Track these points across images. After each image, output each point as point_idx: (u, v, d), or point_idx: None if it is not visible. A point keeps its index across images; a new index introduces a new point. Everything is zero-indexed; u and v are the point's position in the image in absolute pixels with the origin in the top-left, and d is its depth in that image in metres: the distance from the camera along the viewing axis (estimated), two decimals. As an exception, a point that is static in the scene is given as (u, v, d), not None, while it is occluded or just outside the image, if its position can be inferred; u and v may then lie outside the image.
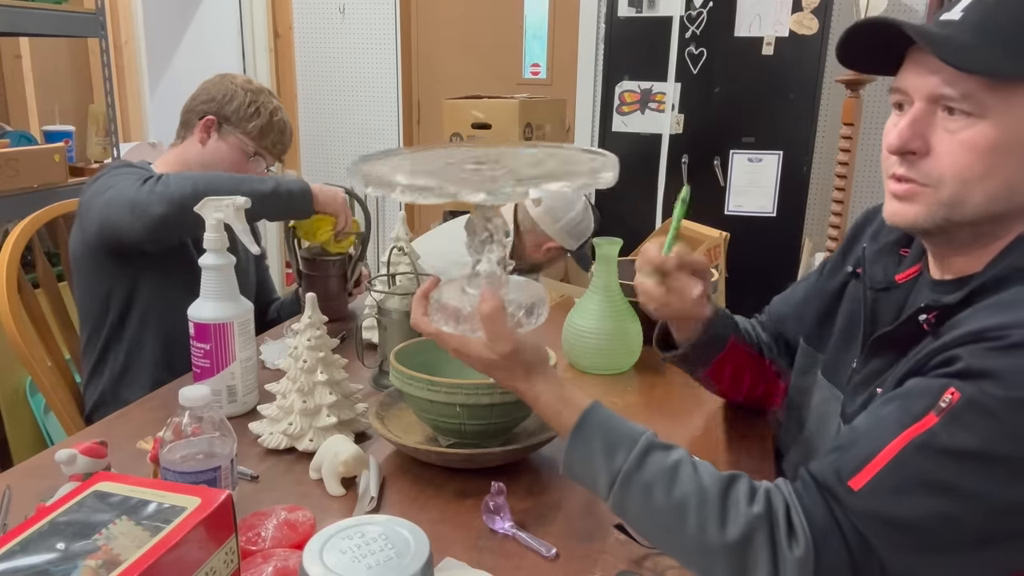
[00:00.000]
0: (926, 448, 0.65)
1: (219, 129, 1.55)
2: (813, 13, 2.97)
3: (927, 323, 0.74)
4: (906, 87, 0.76)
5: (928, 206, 0.75)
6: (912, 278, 0.86)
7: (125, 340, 1.48)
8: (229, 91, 1.55)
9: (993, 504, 0.63)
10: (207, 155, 1.56)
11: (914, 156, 0.75)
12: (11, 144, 2.23)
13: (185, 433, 0.83)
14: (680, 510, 0.71)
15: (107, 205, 1.35)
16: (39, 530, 0.54)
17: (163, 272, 1.45)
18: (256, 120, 1.55)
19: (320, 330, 1.07)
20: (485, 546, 0.85)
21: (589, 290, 1.35)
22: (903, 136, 0.74)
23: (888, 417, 0.69)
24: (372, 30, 3.93)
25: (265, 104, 1.57)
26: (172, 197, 1.31)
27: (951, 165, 0.72)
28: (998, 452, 0.63)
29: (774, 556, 0.67)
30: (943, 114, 0.73)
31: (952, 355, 0.68)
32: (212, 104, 1.55)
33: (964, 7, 0.72)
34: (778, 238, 3.12)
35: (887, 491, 0.66)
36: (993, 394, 0.63)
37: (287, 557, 0.75)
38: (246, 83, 1.58)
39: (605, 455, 0.75)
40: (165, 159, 1.59)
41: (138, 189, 1.33)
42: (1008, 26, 0.70)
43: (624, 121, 3.27)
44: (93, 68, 3.09)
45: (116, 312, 1.47)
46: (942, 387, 0.66)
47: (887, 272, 0.88)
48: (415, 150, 0.93)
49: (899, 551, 0.65)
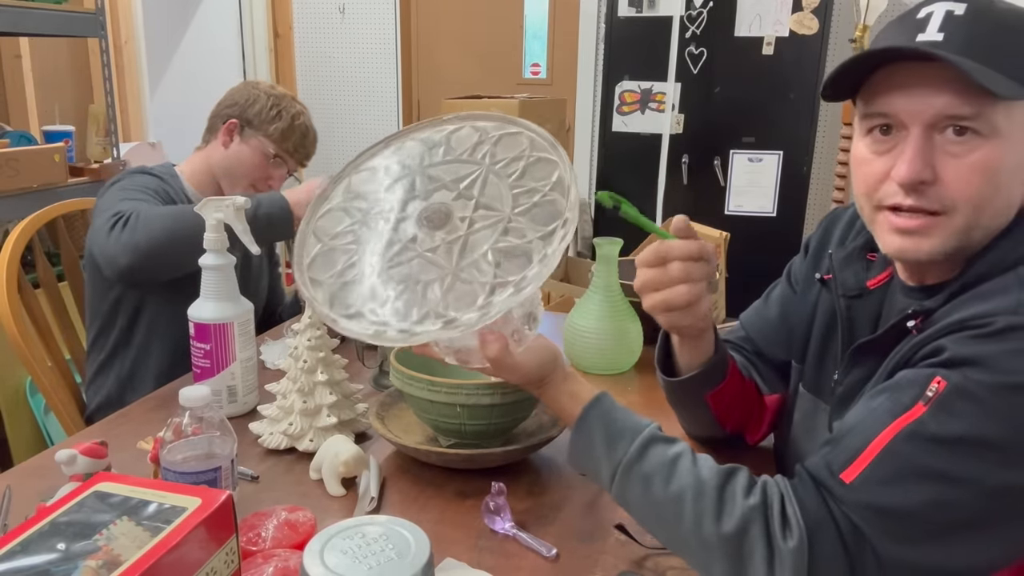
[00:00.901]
0: (916, 437, 0.66)
1: (241, 132, 1.57)
2: (813, 13, 2.97)
3: (915, 328, 0.74)
4: (897, 112, 0.72)
5: (943, 238, 0.72)
6: (883, 283, 0.86)
7: (134, 346, 1.49)
8: (252, 95, 1.58)
9: (985, 488, 0.64)
10: (229, 158, 1.57)
11: (923, 185, 0.72)
12: (11, 144, 2.23)
13: (185, 433, 0.83)
14: (678, 502, 0.71)
15: (90, 240, 1.38)
16: (39, 530, 0.54)
17: (173, 281, 1.45)
18: (277, 123, 1.57)
19: (320, 330, 1.07)
20: (485, 546, 0.85)
21: (589, 290, 1.35)
22: (914, 168, 0.71)
23: (878, 409, 0.70)
24: (372, 30, 3.93)
25: (287, 108, 1.58)
26: (137, 246, 1.30)
27: (963, 190, 0.70)
28: (986, 437, 0.64)
29: (769, 547, 0.67)
30: (944, 137, 0.71)
31: (937, 345, 0.69)
32: (235, 108, 1.57)
33: (940, 26, 0.71)
34: (778, 238, 3.12)
35: (879, 481, 0.66)
36: (979, 380, 0.65)
37: (287, 557, 0.75)
38: (270, 88, 1.61)
39: (606, 446, 0.76)
40: (190, 163, 1.60)
41: (107, 236, 1.32)
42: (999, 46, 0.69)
43: (624, 121, 3.27)
44: (93, 68, 3.09)
45: (126, 317, 1.48)
46: (928, 376, 0.67)
47: (858, 278, 0.88)
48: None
49: (893, 540, 0.66)
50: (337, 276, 0.80)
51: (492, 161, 0.84)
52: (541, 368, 0.82)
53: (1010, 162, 0.71)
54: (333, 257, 0.82)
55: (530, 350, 0.81)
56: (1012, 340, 0.65)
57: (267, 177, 1.59)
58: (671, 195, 3.22)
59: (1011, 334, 0.65)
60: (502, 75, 3.86)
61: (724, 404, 0.97)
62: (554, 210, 0.79)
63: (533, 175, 0.82)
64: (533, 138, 0.85)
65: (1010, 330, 0.65)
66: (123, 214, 1.35)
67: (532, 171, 0.82)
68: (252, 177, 1.58)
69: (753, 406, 1.02)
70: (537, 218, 0.79)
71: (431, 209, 0.82)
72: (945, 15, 0.71)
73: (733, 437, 1.04)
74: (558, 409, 0.83)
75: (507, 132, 0.86)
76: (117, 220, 1.34)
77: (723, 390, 0.95)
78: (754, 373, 1.03)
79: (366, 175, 0.88)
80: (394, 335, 0.74)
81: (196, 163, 1.60)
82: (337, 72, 4.04)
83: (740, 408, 1.00)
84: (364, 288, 0.78)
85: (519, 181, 0.82)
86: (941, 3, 0.73)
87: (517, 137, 0.86)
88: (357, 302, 0.77)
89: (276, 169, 1.60)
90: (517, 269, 0.75)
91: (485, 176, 0.83)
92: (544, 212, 0.79)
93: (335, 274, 0.80)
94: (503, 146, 0.85)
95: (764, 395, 1.03)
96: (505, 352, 0.78)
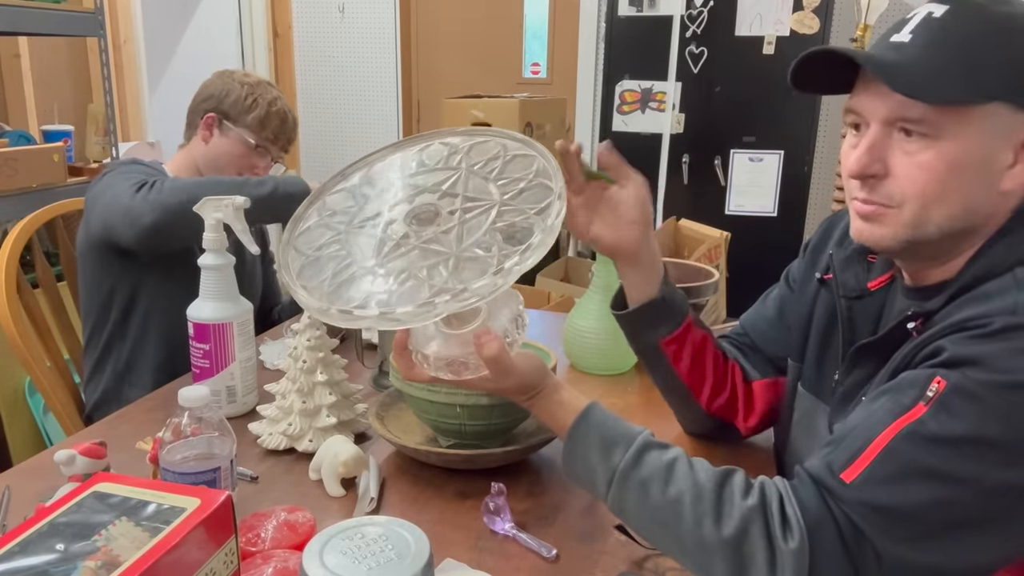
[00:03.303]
0: (916, 436, 0.66)
1: (220, 125, 1.55)
2: (814, 12, 2.97)
3: (916, 330, 0.75)
4: (861, 109, 0.76)
5: (893, 228, 0.76)
6: (885, 285, 0.87)
7: (128, 338, 1.48)
8: (226, 86, 1.56)
9: (985, 487, 0.64)
10: (212, 152, 1.56)
11: (875, 179, 0.75)
12: (10, 144, 2.23)
13: (184, 434, 0.82)
14: (676, 506, 0.71)
15: (106, 208, 1.36)
16: (38, 531, 0.54)
17: (167, 271, 1.45)
18: (254, 111, 1.55)
19: (320, 330, 1.07)
20: (485, 547, 0.85)
21: (589, 290, 1.34)
22: (861, 162, 0.75)
23: (879, 410, 0.70)
24: (372, 30, 3.93)
25: (263, 96, 1.56)
26: (165, 204, 1.31)
27: (911, 186, 0.73)
28: (987, 435, 0.64)
29: (771, 549, 0.67)
30: (900, 136, 0.74)
31: (937, 346, 0.70)
32: (211, 101, 1.56)
33: (912, 29, 0.73)
34: (779, 238, 3.12)
35: (879, 481, 0.67)
36: (978, 379, 0.65)
37: (287, 558, 0.75)
38: (243, 76, 1.59)
39: (602, 454, 0.76)
40: (175, 162, 1.60)
41: (132, 196, 1.33)
42: (956, 51, 0.71)
43: (624, 120, 3.27)
44: (92, 68, 3.08)
45: (119, 310, 1.47)
46: (928, 377, 0.68)
47: (859, 279, 0.89)
48: None
49: (894, 539, 0.66)
50: (331, 278, 0.78)
51: (469, 164, 0.84)
52: (536, 373, 0.81)
53: (963, 164, 0.72)
54: (321, 265, 0.80)
55: (523, 355, 0.81)
56: (1011, 339, 0.65)
57: (252, 167, 1.57)
58: (671, 195, 3.22)
59: (1010, 333, 0.66)
60: (502, 75, 3.86)
61: (684, 361, 0.99)
62: (543, 192, 0.78)
63: (513, 171, 0.82)
64: (505, 142, 0.85)
65: (1009, 330, 0.66)
66: (146, 181, 1.36)
67: (511, 168, 0.82)
68: (237, 168, 1.56)
69: (726, 379, 1.03)
70: (529, 199, 0.78)
71: (418, 209, 0.81)
72: (925, 16, 0.74)
73: (725, 425, 1.05)
74: (549, 418, 0.82)
75: (476, 141, 0.86)
76: (142, 184, 1.35)
77: (678, 340, 0.98)
78: (741, 359, 1.05)
79: (341, 195, 0.86)
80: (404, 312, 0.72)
81: (181, 161, 1.59)
82: (337, 72, 4.04)
83: (707, 375, 1.01)
84: (363, 283, 0.77)
85: (500, 176, 0.82)
86: (930, 4, 0.75)
87: (487, 144, 0.85)
88: (358, 296, 0.76)
89: (260, 159, 1.58)
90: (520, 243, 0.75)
91: (466, 177, 0.83)
92: (534, 195, 0.79)
93: (328, 277, 0.78)
94: (476, 152, 0.85)
95: (752, 380, 1.04)
96: (503, 351, 0.78)
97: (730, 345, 1.07)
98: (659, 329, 0.98)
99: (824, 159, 3.37)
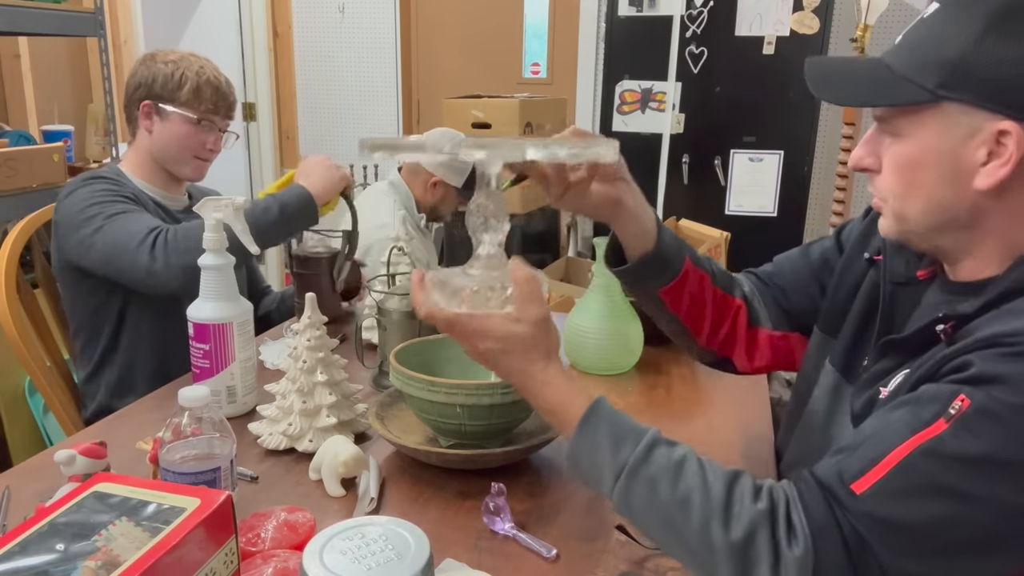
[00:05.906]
0: (934, 453, 0.65)
1: (158, 111, 1.52)
2: (814, 12, 2.97)
3: (944, 333, 0.74)
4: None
5: (888, 221, 0.80)
6: (929, 277, 0.85)
7: (120, 351, 1.48)
8: (151, 71, 1.52)
9: (999, 509, 0.64)
10: (159, 141, 1.53)
11: (872, 174, 0.80)
12: (10, 144, 2.22)
13: (184, 434, 0.82)
14: (685, 505, 0.71)
15: (114, 257, 1.34)
16: (39, 531, 0.54)
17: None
18: (185, 86, 1.51)
19: (320, 330, 1.07)
20: (485, 547, 0.85)
21: (589, 290, 1.34)
22: (854, 156, 0.80)
23: (897, 421, 0.69)
24: (372, 30, 3.93)
25: (188, 68, 1.52)
26: (186, 266, 1.27)
27: (885, 182, 0.78)
28: (1007, 458, 0.63)
29: (775, 554, 0.67)
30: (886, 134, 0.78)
31: (964, 360, 0.68)
32: (142, 89, 1.53)
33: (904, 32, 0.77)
34: (779, 238, 3.12)
35: (891, 495, 0.66)
36: (1003, 400, 0.63)
37: (287, 558, 0.75)
38: (165, 56, 1.54)
39: (612, 447, 0.75)
40: (129, 160, 1.56)
41: (149, 255, 1.30)
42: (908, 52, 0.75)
43: (625, 121, 3.27)
44: (92, 68, 3.08)
45: (110, 326, 1.47)
46: (952, 393, 0.66)
47: (909, 266, 0.88)
48: None
49: (900, 553, 0.65)
50: None
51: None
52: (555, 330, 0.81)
53: (922, 162, 0.74)
54: None
55: None
56: None
57: (202, 144, 1.54)
58: (671, 195, 3.22)
59: None
60: (502, 75, 3.86)
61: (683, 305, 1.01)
62: None
63: None
64: None
65: None
66: (156, 231, 1.33)
67: None
68: (189, 149, 1.53)
69: (725, 318, 1.04)
70: None
71: None
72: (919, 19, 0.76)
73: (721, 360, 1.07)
74: (557, 402, 0.79)
75: None
76: (154, 239, 1.32)
77: (675, 289, 0.99)
78: (754, 301, 1.06)
79: None
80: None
81: (134, 157, 1.56)
82: (337, 72, 4.03)
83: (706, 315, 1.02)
84: None
85: None
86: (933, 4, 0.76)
87: None
88: None
89: (208, 133, 1.55)
90: None
91: None
92: None
93: None
94: None
95: (758, 327, 1.05)
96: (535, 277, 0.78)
97: (751, 283, 1.08)
98: (656, 281, 0.99)
99: (824, 159, 3.37)
